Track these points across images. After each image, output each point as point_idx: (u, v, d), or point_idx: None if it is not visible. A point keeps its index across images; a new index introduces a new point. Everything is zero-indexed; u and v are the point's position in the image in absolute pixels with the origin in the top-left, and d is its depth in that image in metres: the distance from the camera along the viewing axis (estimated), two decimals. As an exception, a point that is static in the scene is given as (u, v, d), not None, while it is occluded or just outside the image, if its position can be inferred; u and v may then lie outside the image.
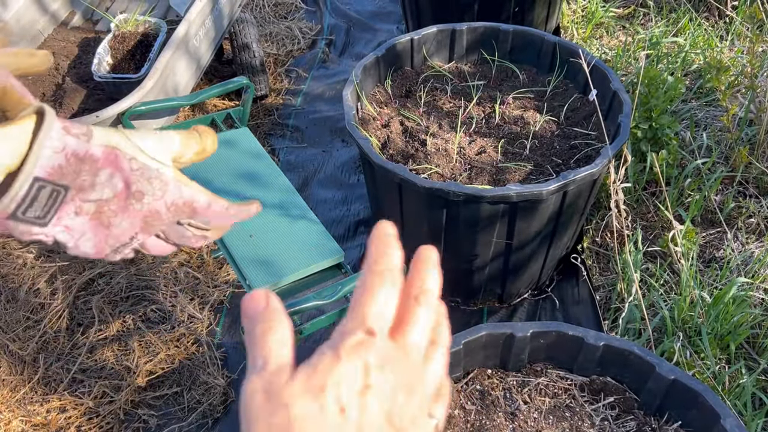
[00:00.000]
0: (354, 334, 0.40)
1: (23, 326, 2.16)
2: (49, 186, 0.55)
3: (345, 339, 0.40)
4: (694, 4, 3.41)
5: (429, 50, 2.45)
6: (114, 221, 0.60)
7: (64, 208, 0.57)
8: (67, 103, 2.27)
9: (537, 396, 1.41)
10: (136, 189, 0.61)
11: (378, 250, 0.44)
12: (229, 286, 2.31)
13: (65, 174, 0.56)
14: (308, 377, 0.38)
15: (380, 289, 0.42)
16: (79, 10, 2.71)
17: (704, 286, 2.10)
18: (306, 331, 1.48)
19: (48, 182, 0.55)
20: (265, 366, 0.40)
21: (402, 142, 2.13)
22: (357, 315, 0.41)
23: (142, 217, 0.62)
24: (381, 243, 0.44)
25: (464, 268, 2.09)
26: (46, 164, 0.55)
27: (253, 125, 2.98)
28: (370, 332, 0.40)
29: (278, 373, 0.39)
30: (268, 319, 0.41)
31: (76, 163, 0.56)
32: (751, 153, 2.52)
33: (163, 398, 2.01)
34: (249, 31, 2.90)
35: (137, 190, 0.61)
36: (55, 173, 0.55)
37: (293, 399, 0.38)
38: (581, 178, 1.83)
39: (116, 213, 0.60)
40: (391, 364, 0.40)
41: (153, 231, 0.64)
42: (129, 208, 0.61)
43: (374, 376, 0.39)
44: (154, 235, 0.65)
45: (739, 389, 1.83)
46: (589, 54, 2.26)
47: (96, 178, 0.58)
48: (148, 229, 0.63)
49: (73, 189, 0.57)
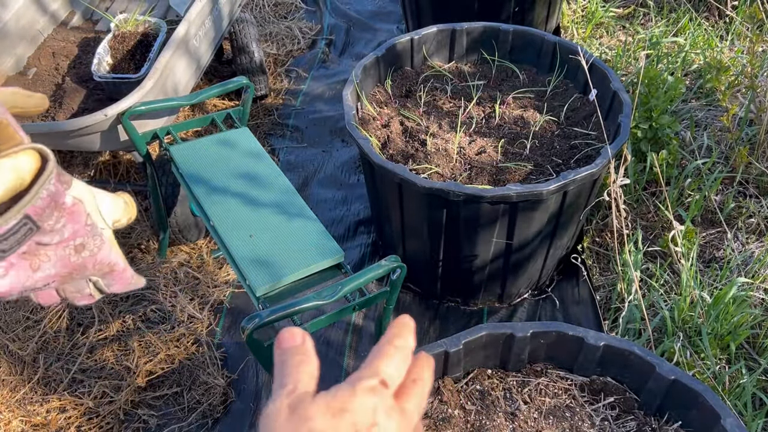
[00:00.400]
0: (370, 380, 0.48)
1: (23, 326, 2.16)
2: (30, 224, 0.57)
3: (361, 381, 0.47)
4: (694, 4, 3.41)
5: (429, 50, 2.45)
6: (43, 266, 0.61)
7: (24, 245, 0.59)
8: (67, 103, 2.27)
9: (537, 396, 1.41)
10: (79, 242, 0.63)
11: (398, 331, 0.52)
12: (229, 286, 2.31)
13: (42, 216, 0.58)
14: (329, 401, 0.46)
15: (395, 357, 0.50)
16: (79, 10, 2.71)
17: (704, 286, 2.10)
18: (306, 331, 1.48)
19: (32, 221, 0.57)
20: (294, 390, 0.47)
21: (402, 142, 2.13)
22: (373, 367, 0.49)
23: (71, 268, 0.64)
24: (402, 327, 0.53)
25: (464, 268, 2.09)
26: (37, 204, 0.57)
27: (253, 125, 2.98)
28: (383, 383, 0.48)
29: (304, 396, 0.47)
30: (304, 353, 0.50)
31: (52, 207, 0.59)
32: (751, 153, 2.52)
33: (163, 398, 2.01)
34: (249, 31, 2.90)
35: (80, 244, 0.63)
36: (38, 213, 0.58)
37: (316, 415, 0.45)
38: (581, 178, 1.83)
39: (50, 259, 0.61)
40: (394, 417, 0.47)
41: (68, 282, 0.66)
42: (64, 258, 0.63)
43: (381, 417, 0.46)
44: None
45: (739, 389, 1.83)
46: (588, 53, 2.26)
47: (56, 224, 0.60)
48: (65, 280, 0.65)
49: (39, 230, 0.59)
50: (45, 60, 2.47)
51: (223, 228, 1.72)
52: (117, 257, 0.68)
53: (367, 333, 2.19)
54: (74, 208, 0.61)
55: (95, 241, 0.64)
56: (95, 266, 0.66)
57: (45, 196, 0.57)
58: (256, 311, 1.43)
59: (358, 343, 2.16)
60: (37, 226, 0.58)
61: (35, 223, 0.58)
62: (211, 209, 1.77)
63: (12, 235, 0.57)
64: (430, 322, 2.23)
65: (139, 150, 2.05)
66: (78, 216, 0.62)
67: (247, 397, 2.02)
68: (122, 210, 0.70)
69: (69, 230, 0.61)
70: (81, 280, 0.67)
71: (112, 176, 2.67)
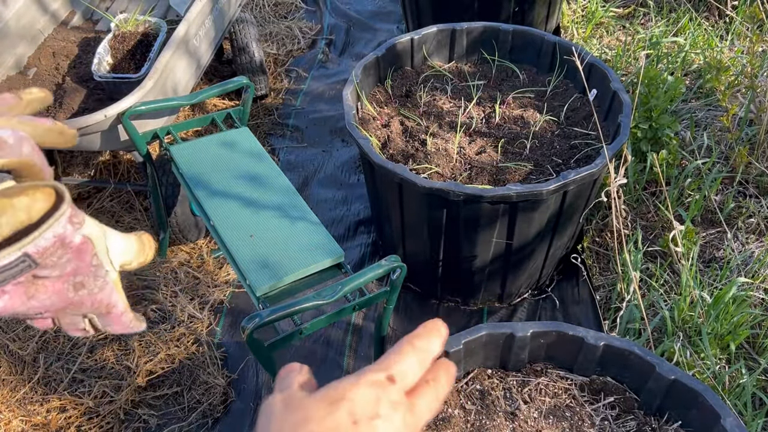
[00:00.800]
0: (377, 373, 0.46)
1: (23, 326, 2.16)
2: (28, 261, 0.56)
3: (367, 374, 0.46)
4: (694, 4, 3.41)
5: (429, 50, 2.45)
6: (38, 296, 0.60)
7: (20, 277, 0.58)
8: (67, 103, 2.27)
9: (537, 396, 1.41)
10: (79, 280, 0.61)
11: (422, 332, 0.50)
12: (229, 286, 2.31)
13: (44, 255, 0.57)
14: (327, 392, 0.45)
15: (410, 356, 0.49)
16: (79, 9, 2.71)
17: (704, 286, 2.10)
18: (306, 331, 1.48)
19: (31, 259, 0.56)
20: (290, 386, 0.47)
21: (402, 142, 2.13)
22: (383, 363, 0.48)
23: (67, 303, 0.63)
24: (428, 330, 0.51)
25: (464, 267, 2.09)
26: (40, 244, 0.56)
27: (253, 125, 2.98)
28: (390, 378, 0.46)
29: (298, 391, 0.47)
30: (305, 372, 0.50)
31: (58, 247, 0.58)
32: (751, 153, 2.52)
33: (163, 398, 2.01)
34: (249, 31, 2.90)
35: (79, 282, 0.62)
36: (40, 253, 0.57)
37: (311, 404, 0.44)
38: (581, 178, 1.83)
39: (47, 290, 0.60)
40: (401, 412, 0.46)
41: (63, 317, 0.65)
42: (61, 292, 0.61)
43: (385, 409, 0.45)
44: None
45: (739, 389, 1.83)
46: (584, 51, 2.26)
47: (59, 260, 0.59)
48: (59, 314, 0.64)
49: (39, 265, 0.58)
50: (45, 60, 2.47)
51: (223, 228, 1.72)
52: (117, 300, 0.67)
53: (367, 333, 2.19)
54: (82, 246, 0.60)
55: (96, 282, 0.63)
56: (92, 305, 0.65)
57: (51, 236, 0.56)
58: (257, 311, 1.43)
59: (358, 343, 2.16)
60: (36, 263, 0.57)
61: (34, 261, 0.57)
62: (211, 209, 1.77)
63: (7, 270, 0.56)
64: (430, 321, 2.23)
65: (140, 150, 2.05)
66: (84, 255, 0.60)
67: (247, 397, 2.02)
68: (135, 253, 0.68)
69: (71, 266, 0.60)
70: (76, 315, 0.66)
71: (112, 176, 2.67)
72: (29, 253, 0.56)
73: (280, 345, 1.47)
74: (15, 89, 2.45)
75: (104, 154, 2.69)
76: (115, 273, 0.66)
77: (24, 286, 0.59)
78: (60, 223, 0.57)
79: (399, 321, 2.23)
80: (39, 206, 0.57)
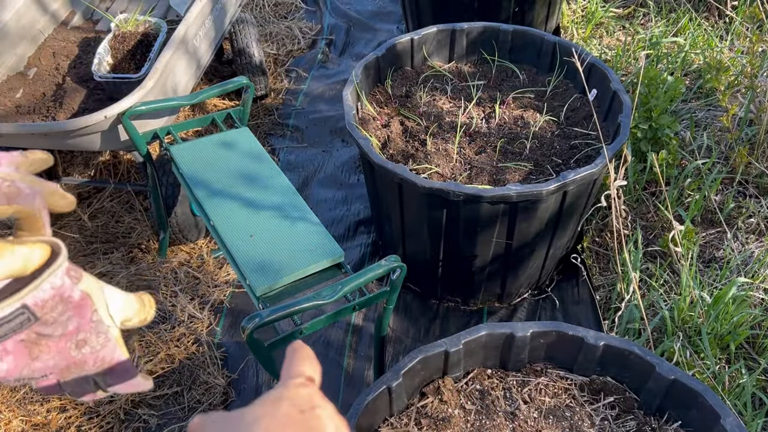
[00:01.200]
0: (297, 378, 0.53)
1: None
2: (27, 314, 0.58)
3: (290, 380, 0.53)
4: (694, 4, 3.41)
5: (429, 50, 2.45)
6: (42, 356, 0.61)
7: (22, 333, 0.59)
8: (68, 103, 2.27)
9: (537, 396, 1.41)
10: (82, 338, 0.63)
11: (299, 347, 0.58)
12: (229, 286, 2.31)
13: (44, 308, 0.59)
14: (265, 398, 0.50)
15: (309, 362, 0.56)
16: (79, 10, 2.71)
17: (704, 286, 2.10)
18: (306, 331, 1.48)
19: (29, 311, 0.58)
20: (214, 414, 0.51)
21: (402, 142, 2.14)
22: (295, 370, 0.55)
23: (70, 362, 0.63)
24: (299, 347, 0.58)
25: (464, 267, 2.09)
26: (38, 296, 0.58)
27: (253, 125, 2.98)
28: (310, 379, 0.54)
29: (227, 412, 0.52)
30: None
31: (58, 301, 0.59)
32: (751, 153, 2.52)
33: (164, 398, 2.01)
34: (249, 31, 2.90)
35: (82, 339, 0.63)
36: (39, 306, 0.58)
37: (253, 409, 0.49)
38: (581, 178, 1.83)
39: (50, 350, 0.61)
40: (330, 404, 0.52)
41: (67, 377, 0.65)
42: (64, 351, 0.62)
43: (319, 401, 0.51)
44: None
45: (739, 389, 1.83)
46: (584, 51, 2.26)
47: (60, 316, 0.60)
48: (64, 374, 0.65)
49: (39, 320, 0.59)
50: (45, 60, 2.47)
51: (223, 228, 1.72)
52: (120, 356, 0.67)
53: (367, 333, 2.19)
54: (81, 302, 0.61)
55: (99, 339, 0.64)
56: (95, 363, 0.65)
57: (49, 288, 0.58)
58: (257, 311, 1.43)
59: (358, 343, 2.16)
60: (36, 317, 0.58)
61: (34, 314, 0.58)
62: (211, 209, 1.77)
63: (6, 323, 0.57)
64: (430, 322, 2.23)
65: (140, 150, 2.05)
66: (84, 310, 0.62)
67: (247, 397, 2.02)
68: (135, 310, 0.69)
69: (73, 324, 0.61)
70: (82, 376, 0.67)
71: (112, 176, 2.67)
72: (28, 305, 0.57)
73: (280, 345, 1.47)
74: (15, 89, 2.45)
75: (104, 154, 2.69)
76: (116, 329, 0.67)
77: (27, 346, 0.60)
78: (57, 275, 0.59)
79: (399, 321, 2.23)
80: (36, 258, 0.58)
